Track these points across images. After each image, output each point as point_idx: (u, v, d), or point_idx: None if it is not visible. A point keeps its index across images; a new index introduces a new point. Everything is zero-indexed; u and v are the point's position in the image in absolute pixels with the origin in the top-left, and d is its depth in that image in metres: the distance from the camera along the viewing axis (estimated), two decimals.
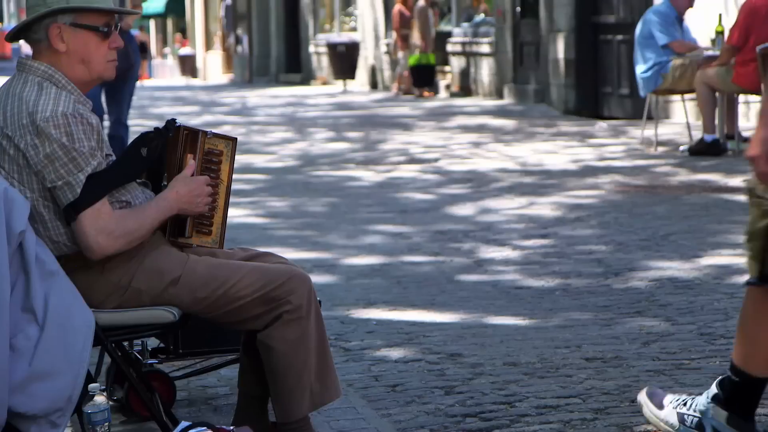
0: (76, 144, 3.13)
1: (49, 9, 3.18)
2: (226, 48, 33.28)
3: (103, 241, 3.14)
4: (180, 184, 3.29)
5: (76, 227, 3.14)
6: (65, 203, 3.14)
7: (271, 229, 7.52)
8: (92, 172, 3.15)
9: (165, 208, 3.26)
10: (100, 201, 3.15)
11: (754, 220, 3.21)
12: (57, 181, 3.13)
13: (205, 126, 14.56)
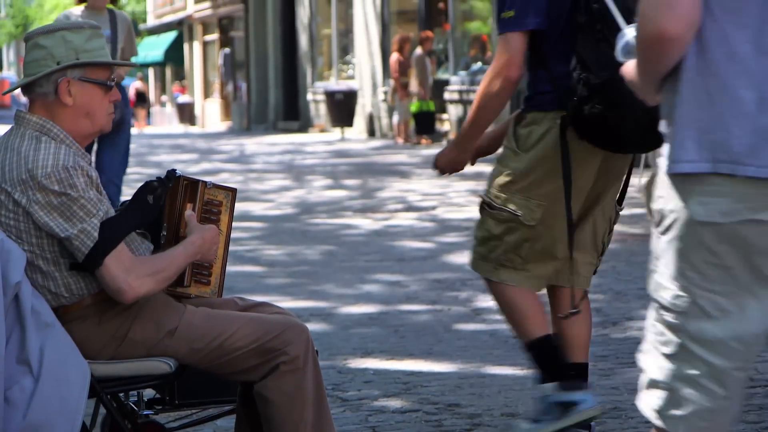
0: (81, 193, 3.13)
1: (62, 66, 3.19)
2: (225, 96, 33.43)
3: (134, 281, 3.13)
4: (203, 230, 3.31)
5: (103, 273, 3.12)
6: (85, 251, 3.12)
7: (267, 277, 7.51)
8: (105, 219, 3.14)
9: (192, 252, 3.27)
10: (120, 244, 3.15)
11: (491, 227, 3.92)
12: (71, 230, 3.11)
13: (203, 174, 14.51)
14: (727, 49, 2.42)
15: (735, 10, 2.41)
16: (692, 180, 2.46)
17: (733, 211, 2.44)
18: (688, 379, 2.51)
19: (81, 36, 3.23)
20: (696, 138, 2.44)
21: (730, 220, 2.44)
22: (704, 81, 2.43)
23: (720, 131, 2.42)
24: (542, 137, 3.82)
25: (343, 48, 25.65)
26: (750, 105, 2.40)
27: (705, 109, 2.43)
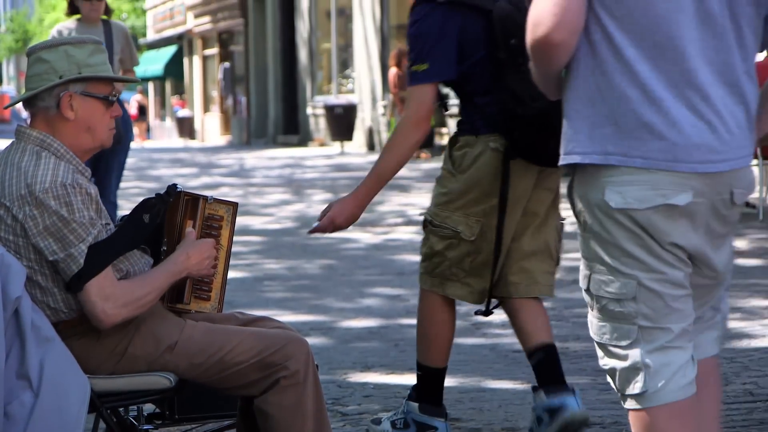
0: (75, 215, 3.12)
1: (64, 80, 3.20)
2: (224, 110, 33.46)
3: (110, 309, 3.13)
4: (190, 248, 3.29)
5: (82, 297, 3.14)
6: (69, 275, 3.13)
7: (267, 291, 7.50)
8: (93, 243, 3.14)
9: (174, 272, 3.25)
10: (105, 270, 3.14)
11: (433, 244, 4.17)
12: (59, 254, 3.12)
13: (203, 188, 14.50)
14: (614, 51, 2.68)
15: (620, 17, 2.67)
16: (604, 171, 2.71)
17: (646, 197, 2.69)
18: (656, 351, 2.73)
19: (84, 51, 3.24)
20: (587, 132, 2.71)
21: (645, 206, 2.69)
22: (595, 80, 2.70)
23: (609, 125, 2.69)
24: (476, 159, 4.03)
25: (343, 62, 25.68)
26: (635, 102, 2.67)
27: (596, 105, 2.70)
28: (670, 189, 2.69)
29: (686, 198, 2.69)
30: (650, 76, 2.68)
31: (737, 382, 4.82)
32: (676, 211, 2.69)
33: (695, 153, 2.67)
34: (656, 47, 2.67)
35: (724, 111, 2.70)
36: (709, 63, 2.70)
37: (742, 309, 6.28)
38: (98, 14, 7.76)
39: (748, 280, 7.18)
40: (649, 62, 2.68)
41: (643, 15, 2.67)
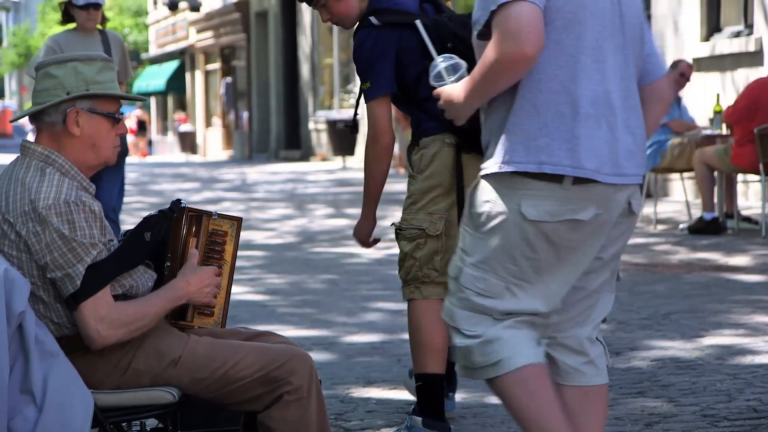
0: (77, 233, 3.12)
1: (71, 96, 3.20)
2: (226, 125, 33.50)
3: (104, 330, 3.13)
4: (190, 274, 3.28)
5: (77, 316, 3.14)
6: (65, 294, 3.13)
7: (270, 306, 7.49)
8: (92, 262, 3.13)
9: (173, 298, 3.25)
10: (102, 290, 3.14)
11: (402, 247, 4.35)
12: (57, 272, 3.12)
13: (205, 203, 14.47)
14: (551, 71, 2.98)
15: (557, 40, 2.98)
16: (522, 184, 3.01)
17: (558, 212, 2.99)
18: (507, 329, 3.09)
19: (92, 68, 3.24)
20: (524, 143, 3.00)
21: (555, 219, 3.00)
22: (533, 96, 3.00)
23: (543, 138, 2.98)
24: (433, 157, 4.30)
25: (345, 77, 25.71)
26: (567, 117, 2.97)
27: (532, 119, 3.00)
28: (578, 204, 3.00)
29: (590, 213, 3.01)
30: (580, 95, 2.99)
31: (740, 399, 4.81)
32: (582, 224, 3.02)
33: (612, 166, 3.01)
34: (585, 69, 3.00)
35: (632, 130, 3.06)
36: (619, 88, 3.05)
37: (745, 325, 6.27)
38: (95, 24, 7.48)
39: (751, 296, 7.17)
40: (580, 82, 2.99)
41: (577, 39, 2.99)
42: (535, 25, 2.90)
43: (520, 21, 2.89)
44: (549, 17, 2.97)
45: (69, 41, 7.36)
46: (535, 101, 2.99)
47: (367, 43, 4.28)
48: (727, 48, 12.41)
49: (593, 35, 3.01)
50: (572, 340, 3.22)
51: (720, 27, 12.90)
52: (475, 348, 3.08)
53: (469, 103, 3.09)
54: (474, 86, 3.04)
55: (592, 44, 3.01)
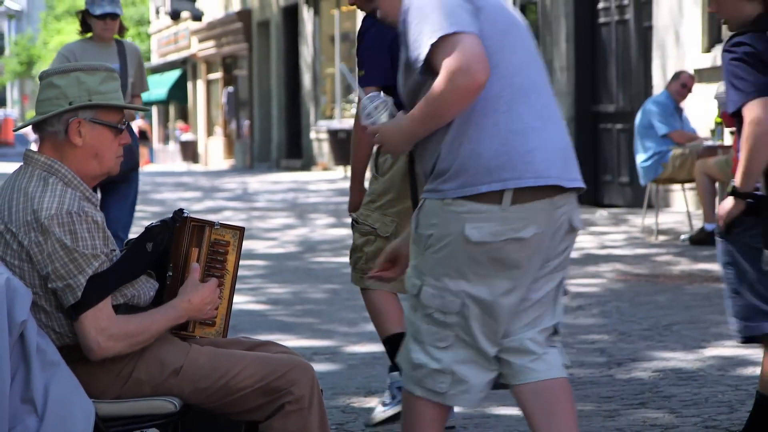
0: (78, 244, 3.12)
1: (74, 106, 3.20)
2: (228, 134, 33.51)
3: (104, 342, 3.13)
4: (192, 292, 3.28)
5: (77, 327, 3.14)
6: (66, 305, 3.13)
7: (271, 315, 7.49)
8: (94, 273, 3.13)
9: (174, 317, 3.26)
10: (103, 302, 3.14)
11: (355, 239, 4.77)
12: (58, 282, 3.12)
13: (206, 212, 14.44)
14: (495, 93, 3.18)
15: (496, 65, 3.17)
16: (466, 205, 3.19)
17: (500, 232, 3.19)
18: (464, 362, 3.27)
19: (95, 78, 3.24)
20: (484, 165, 3.17)
21: (497, 239, 3.19)
22: (484, 119, 3.19)
23: (502, 156, 3.17)
24: (393, 164, 4.64)
25: (347, 87, 25.74)
26: (519, 133, 3.19)
27: (486, 141, 3.18)
28: (519, 224, 3.19)
29: (531, 231, 3.20)
30: (525, 111, 3.21)
31: (742, 410, 4.81)
32: (524, 242, 3.20)
33: (565, 171, 3.25)
34: (522, 88, 3.23)
35: (566, 139, 3.31)
36: (549, 101, 3.31)
37: None
38: (112, 33, 7.20)
39: None
40: (521, 101, 3.22)
41: (508, 61, 3.22)
42: (481, 54, 3.09)
43: (467, 53, 3.07)
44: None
45: (84, 51, 7.14)
46: (487, 123, 3.18)
47: (368, 33, 4.56)
48: None
49: (518, 57, 3.26)
50: (516, 343, 3.34)
51: (721, 38, 12.90)
52: (428, 371, 3.29)
53: (415, 136, 3.24)
54: (422, 119, 3.18)
55: (520, 65, 3.25)
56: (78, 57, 7.06)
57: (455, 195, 3.19)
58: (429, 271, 3.26)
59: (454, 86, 3.08)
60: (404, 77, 3.31)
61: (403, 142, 3.30)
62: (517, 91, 3.22)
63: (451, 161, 3.20)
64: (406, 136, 3.26)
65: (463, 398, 3.31)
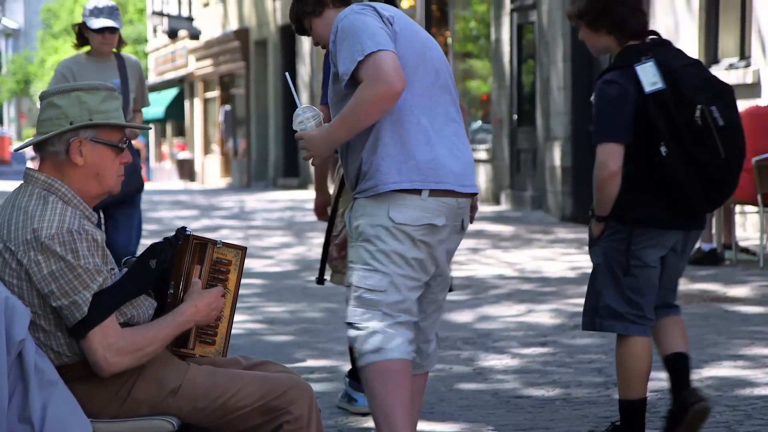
0: (81, 261, 3.12)
1: (75, 126, 3.21)
2: (225, 152, 33.53)
3: (112, 358, 3.13)
4: (198, 298, 3.29)
5: (84, 345, 3.13)
6: (73, 322, 3.13)
7: (268, 334, 7.48)
8: (99, 290, 3.13)
9: (181, 323, 3.26)
10: (109, 318, 3.14)
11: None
12: (63, 300, 3.11)
13: (204, 230, 14.41)
14: (408, 108, 3.76)
15: (410, 82, 3.74)
16: (389, 198, 3.76)
17: (419, 217, 3.76)
18: (394, 325, 3.84)
19: (96, 97, 3.25)
20: (396, 167, 3.75)
21: (418, 223, 3.76)
22: (397, 129, 3.76)
23: (410, 161, 3.75)
24: (337, 172, 5.03)
25: None
26: (426, 144, 3.76)
27: (398, 147, 3.76)
28: (433, 213, 3.78)
29: (443, 221, 3.81)
30: (430, 125, 3.79)
31: (740, 431, 4.80)
32: (436, 229, 3.80)
33: (462, 179, 3.82)
34: (428, 106, 3.80)
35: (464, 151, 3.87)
36: (451, 118, 3.86)
37: (744, 356, 6.26)
38: (110, 48, 6.90)
39: (750, 327, 7.16)
40: (426, 115, 3.79)
41: (420, 81, 3.79)
42: (398, 67, 3.65)
43: (387, 65, 3.62)
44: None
45: (81, 67, 6.87)
46: (401, 133, 3.75)
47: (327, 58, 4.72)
48: (725, 79, 12.44)
49: (429, 79, 3.82)
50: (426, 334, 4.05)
51: (718, 59, 12.94)
52: (362, 337, 3.85)
53: (336, 141, 3.80)
54: (344, 124, 3.73)
55: (430, 85, 3.82)
56: (75, 73, 6.80)
57: (377, 191, 3.77)
58: (362, 258, 3.83)
59: (374, 93, 3.62)
60: (333, 89, 3.85)
61: (325, 147, 3.83)
62: (426, 107, 3.80)
63: (370, 164, 3.78)
64: (328, 141, 3.79)
65: (399, 350, 3.84)
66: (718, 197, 4.23)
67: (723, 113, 4.13)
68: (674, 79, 4.14)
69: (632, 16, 4.27)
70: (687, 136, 4.10)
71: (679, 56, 4.26)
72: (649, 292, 4.31)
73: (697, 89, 4.14)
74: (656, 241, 4.25)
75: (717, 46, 13.02)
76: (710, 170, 4.12)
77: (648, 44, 4.25)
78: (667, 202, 4.21)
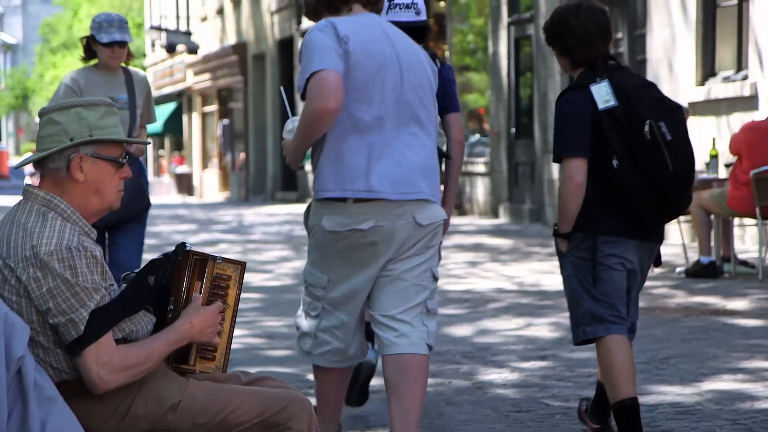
0: (79, 278, 3.12)
1: (75, 142, 3.21)
2: (223, 166, 33.54)
3: (106, 375, 3.12)
4: (194, 315, 3.28)
5: (79, 362, 3.13)
6: (68, 339, 3.12)
7: (267, 349, 7.47)
8: (96, 307, 3.13)
9: (176, 340, 3.25)
10: (104, 336, 3.14)
11: None
12: (60, 318, 3.11)
13: (202, 244, 14.34)
14: (351, 124, 4.10)
15: (360, 98, 4.09)
16: (325, 204, 4.17)
17: (345, 223, 4.14)
18: (326, 330, 4.32)
19: (95, 113, 3.25)
20: (333, 177, 4.13)
21: (344, 229, 4.15)
22: (338, 144, 4.11)
23: (344, 171, 4.11)
24: None
25: None
26: (359, 155, 4.10)
27: (335, 158, 4.11)
28: (359, 218, 4.12)
29: (369, 224, 4.12)
30: (374, 137, 4.10)
31: None
32: (363, 232, 4.14)
33: (395, 188, 4.12)
34: (379, 118, 4.10)
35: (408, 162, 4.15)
36: (397, 135, 4.14)
37: (744, 370, 6.25)
38: (119, 62, 6.69)
39: (750, 340, 7.16)
40: (376, 128, 4.10)
41: (369, 102, 4.09)
42: (336, 87, 3.96)
43: (325, 84, 3.96)
44: (349, 84, 4.04)
45: (89, 80, 6.67)
46: (341, 144, 4.10)
47: None
48: (722, 92, 12.47)
49: (379, 95, 4.11)
50: (384, 318, 4.26)
51: (715, 71, 12.97)
52: (298, 336, 4.40)
53: (298, 149, 4.22)
54: (298, 137, 4.16)
55: (380, 100, 4.11)
56: (82, 86, 6.62)
57: (316, 197, 4.19)
58: (309, 254, 4.32)
59: (311, 110, 4.00)
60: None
61: (293, 154, 4.26)
62: (376, 119, 4.10)
63: (317, 170, 4.17)
64: (294, 149, 4.21)
65: (324, 358, 4.37)
66: (671, 209, 4.48)
67: (671, 129, 4.41)
68: (627, 98, 4.43)
69: (578, 48, 4.56)
70: (637, 150, 4.39)
71: (634, 78, 4.60)
72: (620, 296, 4.58)
73: (647, 106, 4.43)
74: (619, 250, 4.51)
75: (714, 59, 13.04)
76: (659, 182, 4.40)
77: (605, 68, 4.55)
78: (624, 212, 4.47)
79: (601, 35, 4.58)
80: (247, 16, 30.81)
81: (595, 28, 4.56)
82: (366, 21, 4.16)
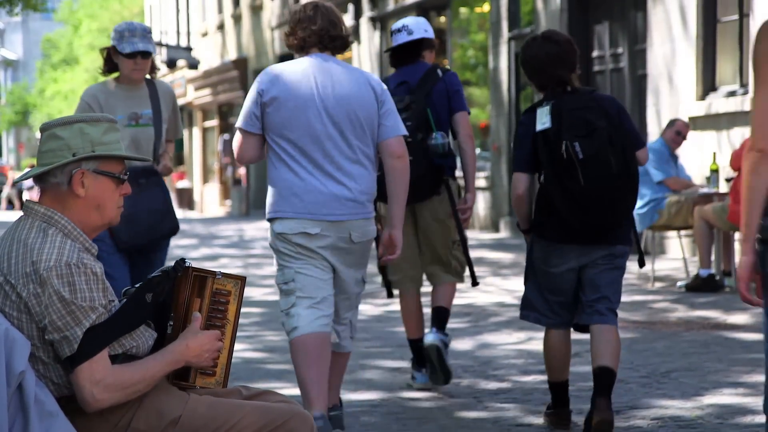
0: (77, 296, 3.12)
1: (77, 157, 3.21)
2: (224, 181, 33.56)
3: (99, 393, 3.12)
4: (191, 338, 3.28)
5: (73, 379, 3.13)
6: (62, 356, 3.12)
7: (268, 363, 7.46)
8: (91, 326, 3.13)
9: (171, 362, 3.24)
10: (99, 354, 3.13)
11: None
12: (54, 334, 3.11)
13: (203, 259, 14.29)
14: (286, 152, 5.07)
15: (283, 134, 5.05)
16: (273, 221, 5.11)
17: (295, 228, 5.05)
18: (299, 310, 5.07)
19: (98, 129, 3.26)
20: (276, 200, 5.08)
21: (293, 232, 5.05)
22: (278, 169, 5.08)
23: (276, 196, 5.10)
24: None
25: None
26: (288, 181, 5.06)
27: (275, 183, 5.09)
28: (308, 224, 5.03)
29: (316, 230, 5.03)
30: (302, 169, 5.02)
31: None
32: (310, 236, 5.05)
33: (323, 208, 5.02)
34: (302, 152, 5.03)
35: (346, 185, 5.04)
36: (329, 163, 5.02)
37: (745, 384, 6.25)
38: (142, 74, 6.12)
39: (751, 354, 7.15)
40: (305, 157, 5.02)
41: (294, 143, 5.04)
42: (241, 145, 5.14)
43: (237, 141, 5.16)
44: (275, 122, 5.03)
45: (110, 96, 6.10)
46: (279, 173, 5.07)
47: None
48: (723, 107, 12.48)
49: (303, 131, 5.00)
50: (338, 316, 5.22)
51: (716, 86, 12.98)
52: (285, 321, 5.09)
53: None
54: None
55: (304, 135, 5.00)
56: (102, 103, 6.06)
57: (267, 216, 5.14)
58: (277, 260, 5.15)
59: (235, 153, 5.19)
60: None
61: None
62: (298, 153, 5.01)
63: (271, 196, 5.10)
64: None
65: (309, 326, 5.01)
66: (596, 221, 5.08)
67: (584, 149, 4.98)
68: (560, 120, 5.05)
69: (533, 75, 5.28)
70: (558, 167, 5.02)
71: (576, 102, 5.10)
72: (560, 295, 5.25)
73: (569, 127, 5.02)
74: (558, 253, 5.20)
75: (715, 74, 13.06)
76: (575, 195, 5.01)
77: (554, 92, 5.16)
78: (561, 220, 5.10)
79: (552, 63, 5.17)
80: (247, 32, 30.88)
81: (546, 56, 5.19)
82: (297, 68, 5.06)
